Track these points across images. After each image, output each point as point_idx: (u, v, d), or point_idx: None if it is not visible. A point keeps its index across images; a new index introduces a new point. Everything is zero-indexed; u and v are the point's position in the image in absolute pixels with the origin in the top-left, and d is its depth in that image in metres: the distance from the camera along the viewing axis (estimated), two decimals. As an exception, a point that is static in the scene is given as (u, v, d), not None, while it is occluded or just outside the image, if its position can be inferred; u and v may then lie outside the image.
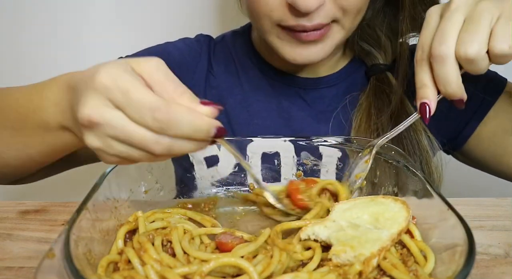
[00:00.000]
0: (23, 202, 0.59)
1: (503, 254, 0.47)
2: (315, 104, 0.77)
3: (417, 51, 0.53)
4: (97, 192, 0.46)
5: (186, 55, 0.81)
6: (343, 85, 0.78)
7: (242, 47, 0.81)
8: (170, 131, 0.39)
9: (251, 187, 0.61)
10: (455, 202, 0.44)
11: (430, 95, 0.51)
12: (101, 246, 0.44)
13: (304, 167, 0.61)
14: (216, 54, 0.83)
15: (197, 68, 0.80)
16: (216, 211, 0.57)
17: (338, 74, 0.78)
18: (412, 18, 0.69)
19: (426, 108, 0.51)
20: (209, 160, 0.62)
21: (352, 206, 0.49)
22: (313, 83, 0.77)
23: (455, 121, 0.75)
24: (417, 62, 0.52)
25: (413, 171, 0.51)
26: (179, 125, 0.39)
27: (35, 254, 0.48)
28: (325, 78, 0.77)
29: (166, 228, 0.48)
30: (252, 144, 0.61)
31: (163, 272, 0.39)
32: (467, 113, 0.74)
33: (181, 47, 0.82)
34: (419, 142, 0.70)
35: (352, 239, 0.43)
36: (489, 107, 0.72)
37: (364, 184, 0.58)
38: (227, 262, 0.40)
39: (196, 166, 0.62)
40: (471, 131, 0.74)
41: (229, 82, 0.80)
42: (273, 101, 0.78)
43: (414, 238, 0.46)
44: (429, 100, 0.51)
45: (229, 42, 0.83)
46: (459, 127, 0.75)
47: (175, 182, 0.62)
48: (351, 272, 0.39)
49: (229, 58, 0.82)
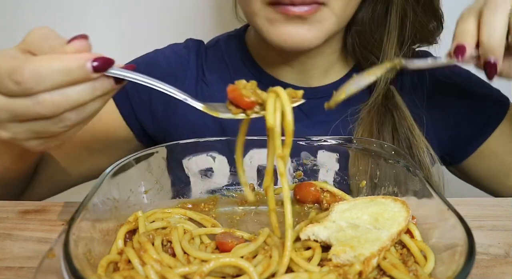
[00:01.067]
0: (23, 202, 0.59)
1: (503, 254, 0.47)
2: (313, 115, 0.75)
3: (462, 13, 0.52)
4: (97, 192, 0.46)
5: (173, 63, 0.78)
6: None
7: (236, 53, 0.78)
8: (41, 86, 0.38)
9: (251, 187, 0.61)
10: (455, 202, 0.44)
11: (470, 40, 0.49)
12: (101, 246, 0.44)
13: (304, 167, 0.61)
14: (209, 61, 0.79)
15: (186, 77, 0.77)
16: (216, 211, 0.57)
17: (336, 84, 0.75)
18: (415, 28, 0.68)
19: (462, 48, 0.49)
20: (204, 173, 0.61)
21: (351, 206, 0.49)
22: (311, 93, 0.74)
23: (458, 136, 0.75)
24: (462, 18, 0.51)
25: (413, 171, 0.51)
26: (46, 76, 0.38)
27: (35, 254, 0.48)
28: (323, 87, 0.75)
29: (166, 228, 0.48)
30: (246, 158, 0.60)
31: (163, 272, 0.39)
32: (472, 130, 0.74)
33: (168, 54, 0.79)
34: (421, 160, 0.69)
35: (352, 239, 0.43)
36: (494, 127, 0.73)
37: (364, 184, 0.58)
38: (227, 262, 0.40)
39: (192, 178, 0.61)
40: (473, 149, 0.74)
41: (224, 92, 0.76)
42: None
43: (414, 238, 0.46)
44: (467, 44, 0.49)
45: (223, 47, 0.80)
46: (462, 143, 0.75)
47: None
48: (351, 272, 0.39)
49: (222, 65, 0.78)
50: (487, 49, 0.49)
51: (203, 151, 0.61)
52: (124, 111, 0.77)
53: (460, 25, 0.51)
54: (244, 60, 0.78)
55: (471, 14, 0.50)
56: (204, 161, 0.61)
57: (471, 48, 0.49)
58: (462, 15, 0.52)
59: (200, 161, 0.61)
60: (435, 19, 0.69)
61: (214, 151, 0.61)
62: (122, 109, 0.77)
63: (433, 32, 0.71)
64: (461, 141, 0.75)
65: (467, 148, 0.75)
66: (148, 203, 0.56)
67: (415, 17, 0.68)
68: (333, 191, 0.57)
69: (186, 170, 0.61)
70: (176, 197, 0.60)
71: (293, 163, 0.61)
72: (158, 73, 0.74)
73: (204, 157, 0.61)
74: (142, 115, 0.77)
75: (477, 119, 0.73)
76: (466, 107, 0.74)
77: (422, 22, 0.68)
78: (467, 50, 0.49)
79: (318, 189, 0.57)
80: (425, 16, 0.68)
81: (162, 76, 0.74)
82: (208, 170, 0.61)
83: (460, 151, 0.76)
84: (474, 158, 0.75)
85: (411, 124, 0.69)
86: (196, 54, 0.79)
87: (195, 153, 0.60)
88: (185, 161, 0.60)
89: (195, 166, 0.61)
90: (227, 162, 0.61)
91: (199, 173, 0.61)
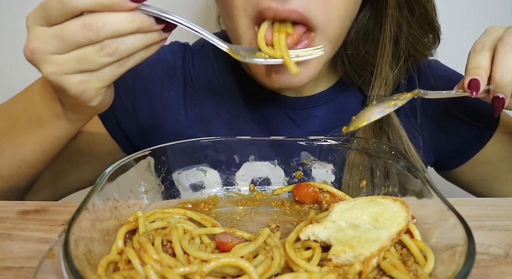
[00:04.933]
0: (23, 202, 0.59)
1: (503, 254, 0.47)
2: (305, 125, 0.73)
3: (475, 44, 0.53)
4: (97, 192, 0.46)
5: (157, 70, 0.74)
6: (333, 104, 0.74)
7: (224, 59, 0.74)
8: (82, 4, 0.45)
9: (251, 188, 0.61)
10: (455, 202, 0.44)
11: (483, 75, 0.51)
12: (101, 246, 0.44)
13: (304, 167, 0.61)
14: (196, 66, 0.75)
15: (173, 84, 0.74)
16: (216, 211, 0.57)
17: (326, 93, 0.74)
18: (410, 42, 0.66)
19: (476, 83, 0.51)
20: (194, 187, 0.60)
21: (351, 206, 0.49)
22: (302, 103, 0.73)
23: (456, 143, 0.75)
24: (475, 51, 0.52)
25: (413, 171, 0.51)
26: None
27: (35, 254, 0.48)
28: (314, 97, 0.73)
29: (166, 228, 0.48)
30: (239, 172, 0.60)
31: (163, 272, 0.39)
32: (469, 138, 0.73)
33: (153, 62, 0.74)
34: None
35: (352, 239, 0.43)
36: (490, 135, 0.73)
37: (364, 184, 0.58)
38: (227, 263, 0.40)
39: (183, 192, 0.60)
40: (469, 156, 0.74)
41: (214, 100, 0.73)
42: (261, 122, 0.73)
43: (414, 238, 0.46)
44: (481, 79, 0.51)
45: (210, 52, 0.76)
46: (459, 150, 0.75)
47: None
48: (351, 272, 0.39)
49: (210, 72, 0.75)
50: (499, 87, 0.51)
51: (194, 164, 0.60)
52: (107, 123, 0.74)
53: (475, 58, 0.52)
54: (233, 66, 0.75)
55: (485, 48, 0.52)
56: (195, 174, 0.60)
57: (485, 83, 0.51)
58: (475, 48, 0.53)
59: (191, 175, 0.60)
60: (431, 32, 0.67)
61: (205, 165, 0.60)
62: (106, 120, 0.74)
63: (430, 45, 0.68)
64: (458, 148, 0.75)
65: (463, 155, 0.75)
66: (148, 203, 0.56)
67: (409, 30, 0.65)
68: (332, 191, 0.57)
69: (176, 183, 0.60)
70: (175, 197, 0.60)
71: (293, 163, 0.61)
72: (141, 82, 0.73)
73: (195, 171, 0.60)
74: (127, 126, 0.74)
75: (474, 127, 0.72)
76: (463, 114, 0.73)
77: (417, 35, 0.66)
78: (481, 85, 0.51)
79: (316, 190, 0.57)
80: (420, 29, 0.66)
81: (146, 82, 0.73)
82: (198, 183, 0.60)
83: (456, 158, 0.76)
84: (468, 165, 0.75)
85: (407, 146, 0.68)
86: (183, 60, 0.76)
87: (185, 167, 0.60)
88: (175, 175, 0.59)
89: (186, 180, 0.60)
90: (219, 176, 0.61)
91: (190, 187, 0.60)
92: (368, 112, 0.55)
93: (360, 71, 0.70)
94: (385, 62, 0.67)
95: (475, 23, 1.07)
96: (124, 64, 0.49)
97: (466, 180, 0.78)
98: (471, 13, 1.08)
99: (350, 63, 0.70)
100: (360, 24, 0.68)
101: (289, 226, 0.53)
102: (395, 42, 0.66)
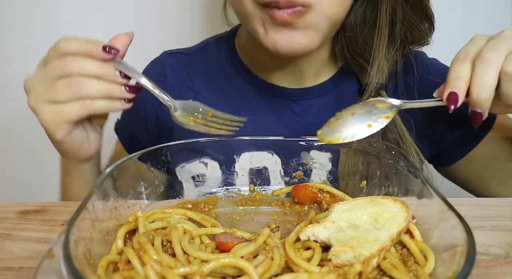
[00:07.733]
0: (23, 202, 0.59)
1: (503, 254, 0.47)
2: (305, 116, 0.75)
3: (459, 53, 0.54)
4: (97, 192, 0.46)
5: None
6: (332, 95, 0.75)
7: (226, 57, 0.78)
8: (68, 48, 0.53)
9: (251, 188, 0.61)
10: (455, 202, 0.44)
11: (462, 88, 0.51)
12: (101, 246, 0.44)
13: (304, 167, 0.61)
14: (196, 65, 0.79)
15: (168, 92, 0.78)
16: (216, 211, 0.57)
17: (326, 84, 0.75)
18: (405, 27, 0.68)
19: (455, 97, 0.51)
20: (196, 179, 0.61)
21: (351, 206, 0.49)
22: (302, 94, 0.75)
23: (450, 140, 0.75)
24: (458, 60, 0.53)
25: (413, 171, 0.51)
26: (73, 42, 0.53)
27: (35, 254, 0.48)
28: (315, 87, 0.75)
29: (166, 228, 0.48)
30: (239, 161, 0.61)
31: (163, 272, 0.39)
32: (464, 135, 0.73)
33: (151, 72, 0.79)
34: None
35: (352, 239, 0.43)
36: (485, 133, 0.73)
37: (364, 184, 0.58)
38: (227, 263, 0.40)
39: (185, 184, 0.61)
40: (464, 153, 0.74)
41: (213, 98, 0.75)
42: (260, 113, 0.75)
43: (414, 238, 0.45)
44: (459, 92, 0.51)
45: (212, 51, 0.80)
46: (454, 147, 0.75)
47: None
48: (351, 272, 0.39)
49: (211, 70, 0.78)
50: (476, 102, 0.52)
51: (196, 157, 0.61)
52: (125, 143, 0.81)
53: (456, 68, 0.53)
54: (235, 64, 0.77)
55: (467, 60, 0.52)
56: (197, 166, 0.61)
57: (463, 96, 0.52)
58: (459, 57, 0.54)
59: (193, 168, 0.61)
60: (426, 19, 0.69)
61: (207, 157, 0.61)
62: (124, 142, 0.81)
63: (425, 33, 0.70)
64: (452, 145, 0.75)
65: (458, 152, 0.75)
66: (148, 203, 0.56)
67: (404, 15, 0.67)
68: (332, 192, 0.57)
69: (179, 177, 0.60)
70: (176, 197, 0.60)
71: (293, 163, 0.61)
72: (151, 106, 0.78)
73: (197, 163, 0.61)
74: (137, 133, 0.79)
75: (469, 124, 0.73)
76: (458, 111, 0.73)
77: (412, 21, 0.68)
78: (459, 99, 0.51)
79: (314, 190, 0.57)
80: (415, 15, 0.67)
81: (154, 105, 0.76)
82: (200, 175, 0.61)
83: (451, 154, 0.76)
84: (464, 161, 0.75)
85: (401, 129, 0.69)
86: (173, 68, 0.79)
87: (187, 160, 0.61)
88: (178, 169, 0.60)
89: (188, 172, 0.61)
90: (219, 167, 0.61)
91: (192, 178, 0.61)
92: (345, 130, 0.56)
93: (357, 58, 0.71)
94: (382, 45, 0.69)
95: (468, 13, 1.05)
96: (87, 105, 0.54)
97: (463, 177, 0.78)
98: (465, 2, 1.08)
99: (348, 48, 0.71)
100: (358, 9, 0.69)
101: (289, 226, 0.53)
102: (391, 25, 0.68)
